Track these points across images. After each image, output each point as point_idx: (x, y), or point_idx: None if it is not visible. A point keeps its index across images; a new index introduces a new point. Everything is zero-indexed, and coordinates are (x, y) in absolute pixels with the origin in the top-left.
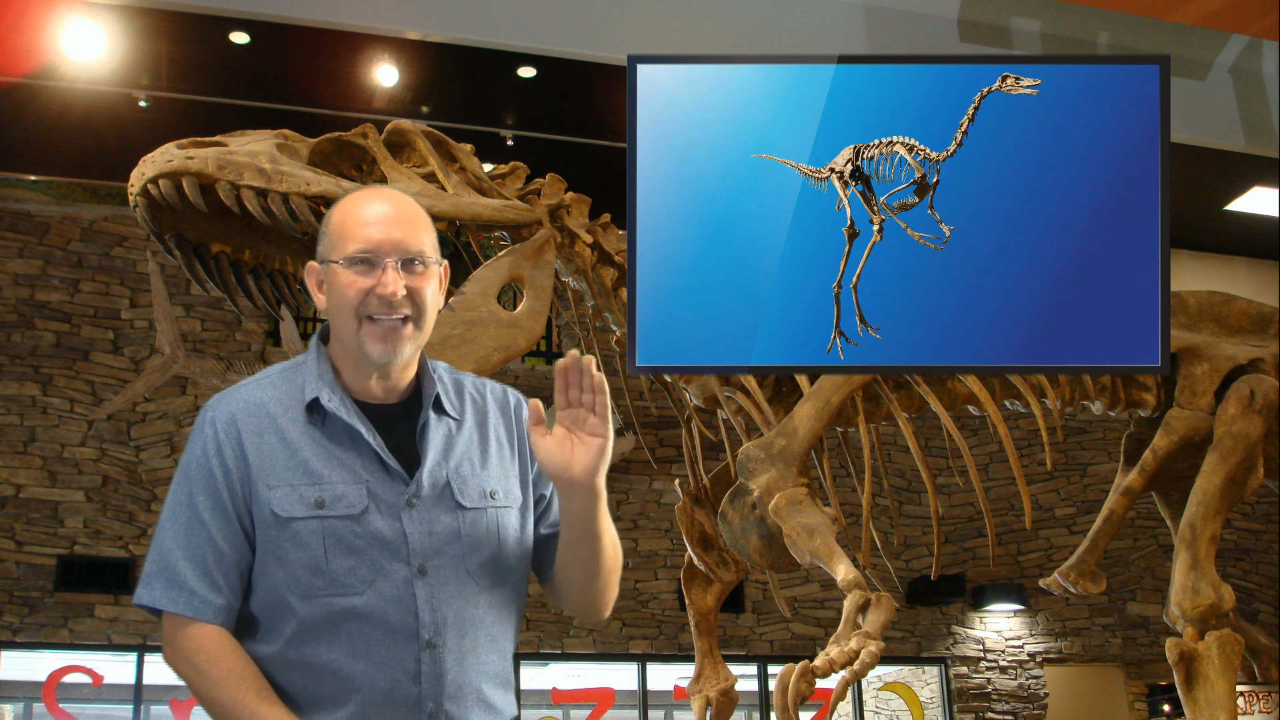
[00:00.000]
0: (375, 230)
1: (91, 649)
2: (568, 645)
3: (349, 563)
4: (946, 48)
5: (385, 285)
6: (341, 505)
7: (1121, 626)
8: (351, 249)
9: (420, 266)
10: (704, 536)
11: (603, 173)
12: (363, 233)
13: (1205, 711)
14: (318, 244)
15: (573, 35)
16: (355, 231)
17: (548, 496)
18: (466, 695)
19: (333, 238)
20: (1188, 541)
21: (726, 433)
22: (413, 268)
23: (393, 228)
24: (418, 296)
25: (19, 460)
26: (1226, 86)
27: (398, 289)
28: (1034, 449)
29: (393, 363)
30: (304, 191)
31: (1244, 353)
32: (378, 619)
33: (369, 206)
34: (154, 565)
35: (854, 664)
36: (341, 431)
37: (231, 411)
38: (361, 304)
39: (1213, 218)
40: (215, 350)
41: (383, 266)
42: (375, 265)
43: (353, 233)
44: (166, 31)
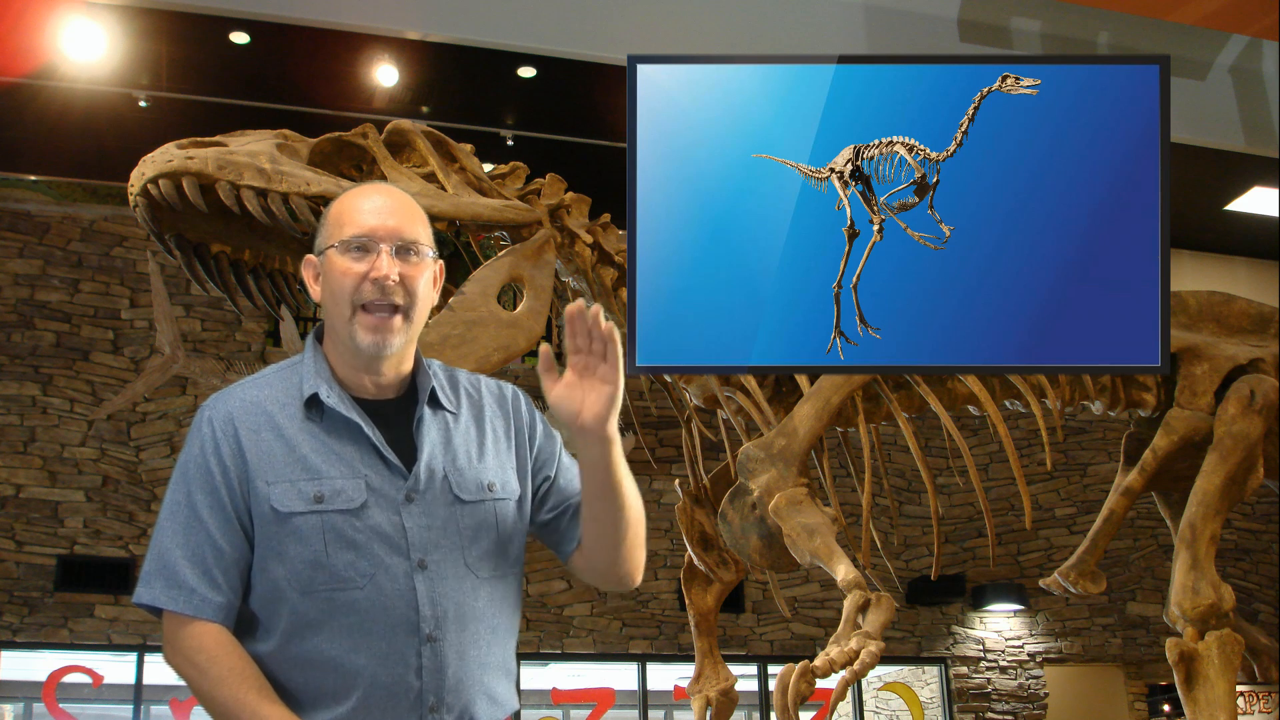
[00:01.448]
0: (371, 217)
1: (91, 649)
2: (568, 645)
3: (349, 557)
4: (946, 48)
5: (379, 269)
6: (341, 499)
7: (1121, 626)
8: (348, 233)
9: (414, 256)
10: (704, 536)
11: (603, 173)
12: (359, 219)
13: (1205, 711)
14: (315, 239)
15: (573, 35)
16: (351, 218)
17: (552, 477)
18: (468, 688)
19: (329, 227)
20: (1188, 541)
21: (726, 433)
22: (407, 256)
23: (388, 216)
24: (410, 285)
25: (19, 460)
26: (1226, 86)
27: (391, 273)
28: (1034, 449)
29: (382, 354)
30: (304, 191)
31: (1244, 353)
32: (378, 613)
33: (365, 198)
34: (153, 564)
35: (854, 664)
36: (340, 426)
37: (228, 410)
38: (355, 291)
39: (1213, 218)
40: (215, 350)
41: (377, 252)
42: (370, 250)
43: (349, 219)
44: (166, 31)
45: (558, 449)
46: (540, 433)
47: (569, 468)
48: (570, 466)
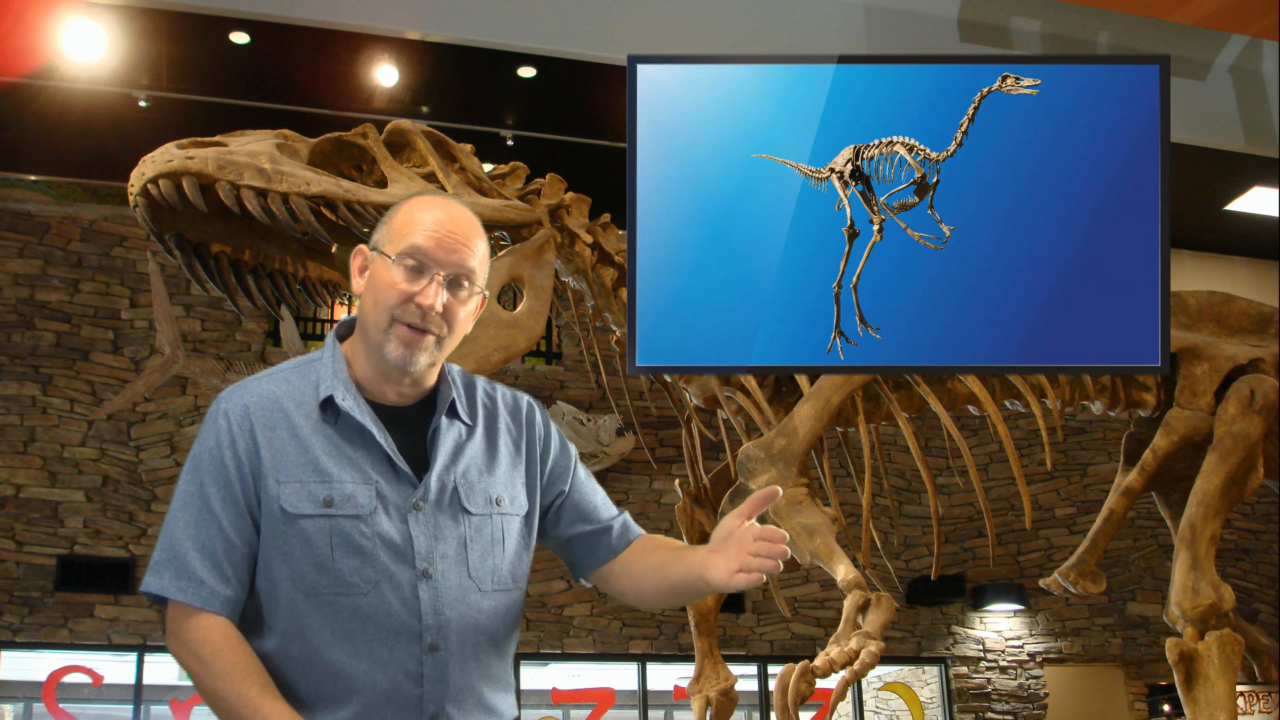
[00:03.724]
0: (434, 238)
1: (91, 649)
2: (568, 645)
3: (355, 563)
4: (946, 48)
5: (427, 296)
6: (350, 505)
7: (1121, 626)
8: (405, 247)
9: (464, 291)
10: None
11: (603, 173)
12: (422, 236)
13: (1205, 711)
14: (375, 230)
15: (573, 35)
16: (416, 231)
17: (566, 492)
18: (467, 698)
19: (392, 230)
20: (1188, 541)
21: (726, 433)
22: (458, 289)
23: (452, 242)
24: (452, 316)
25: (19, 460)
26: (1226, 86)
27: (437, 303)
28: (1034, 449)
29: (407, 369)
30: (304, 191)
31: (1244, 353)
32: (381, 620)
33: (436, 213)
34: (163, 554)
35: (854, 664)
36: (353, 431)
37: (245, 403)
38: (399, 307)
39: (1213, 218)
40: (215, 350)
41: (431, 276)
42: (423, 274)
43: (413, 232)
44: (166, 31)
45: (572, 464)
46: (555, 448)
47: (584, 482)
48: (586, 481)
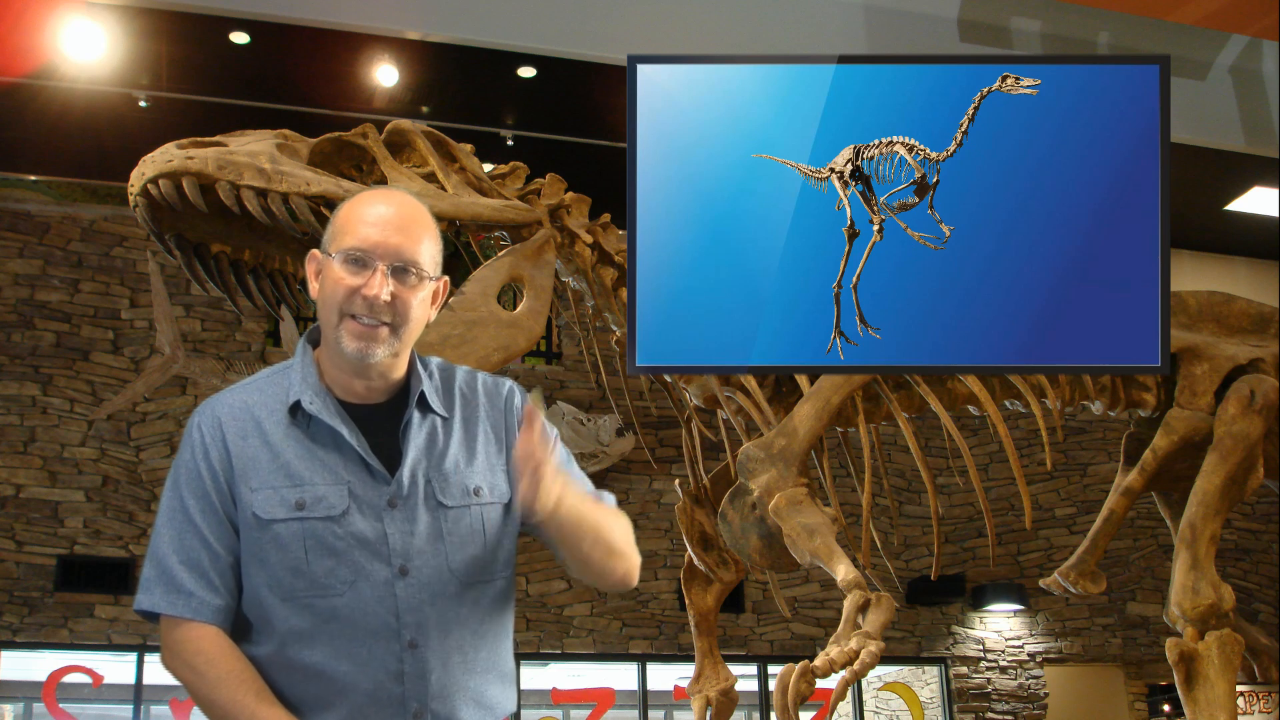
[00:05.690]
0: (373, 231)
1: (91, 649)
2: (568, 645)
3: (329, 564)
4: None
5: (371, 288)
6: (322, 506)
7: (1121, 626)
8: (347, 244)
9: (413, 278)
10: (704, 536)
11: (603, 173)
12: (361, 231)
13: (1205, 711)
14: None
15: (573, 35)
16: (355, 229)
17: None
18: (453, 694)
19: (335, 230)
20: (1188, 541)
21: (726, 433)
22: (404, 276)
23: (391, 232)
24: (401, 305)
25: (19, 460)
26: (1226, 86)
27: (382, 293)
28: (1034, 449)
29: (367, 362)
30: (304, 191)
31: (1244, 353)
32: (358, 620)
33: (374, 207)
34: (151, 571)
35: (854, 664)
36: (325, 433)
37: (217, 415)
38: (345, 301)
39: (1213, 218)
40: (215, 350)
41: (374, 269)
42: (366, 266)
43: (352, 229)
44: (166, 31)
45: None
46: None
47: (564, 465)
48: (567, 465)
